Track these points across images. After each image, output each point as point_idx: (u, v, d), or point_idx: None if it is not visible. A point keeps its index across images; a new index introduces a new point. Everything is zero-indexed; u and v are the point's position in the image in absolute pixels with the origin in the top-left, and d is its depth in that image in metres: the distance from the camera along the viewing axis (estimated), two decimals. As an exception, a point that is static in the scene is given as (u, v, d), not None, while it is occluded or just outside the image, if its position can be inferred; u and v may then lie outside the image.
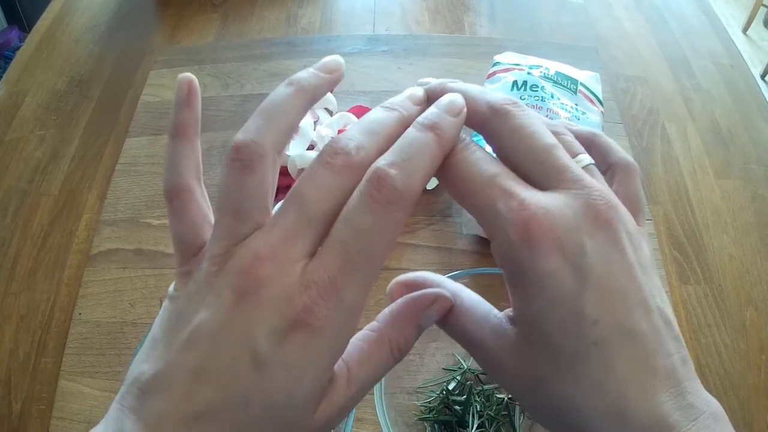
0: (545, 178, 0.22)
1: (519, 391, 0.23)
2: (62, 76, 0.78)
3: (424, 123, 0.22)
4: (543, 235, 0.20)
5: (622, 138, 0.67)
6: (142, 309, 0.54)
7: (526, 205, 0.21)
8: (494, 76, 0.63)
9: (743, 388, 0.50)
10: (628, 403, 0.20)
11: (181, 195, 0.25)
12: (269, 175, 0.22)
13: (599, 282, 0.20)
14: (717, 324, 0.53)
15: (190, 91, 0.25)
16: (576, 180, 0.22)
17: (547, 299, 0.21)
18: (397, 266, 0.56)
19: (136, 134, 0.69)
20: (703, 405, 0.21)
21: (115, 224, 0.61)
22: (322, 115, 0.65)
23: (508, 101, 0.23)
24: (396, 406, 0.42)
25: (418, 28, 0.82)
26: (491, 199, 0.21)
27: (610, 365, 0.20)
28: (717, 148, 0.67)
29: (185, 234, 0.24)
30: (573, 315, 0.20)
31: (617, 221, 0.21)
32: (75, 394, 0.50)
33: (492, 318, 0.24)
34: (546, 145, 0.22)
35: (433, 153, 0.21)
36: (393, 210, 0.20)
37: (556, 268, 0.20)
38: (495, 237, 0.22)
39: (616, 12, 0.84)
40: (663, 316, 0.22)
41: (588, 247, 0.21)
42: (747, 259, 0.58)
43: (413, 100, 0.24)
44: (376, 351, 0.23)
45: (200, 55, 0.78)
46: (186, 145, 0.25)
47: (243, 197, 0.21)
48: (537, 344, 0.21)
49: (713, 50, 0.79)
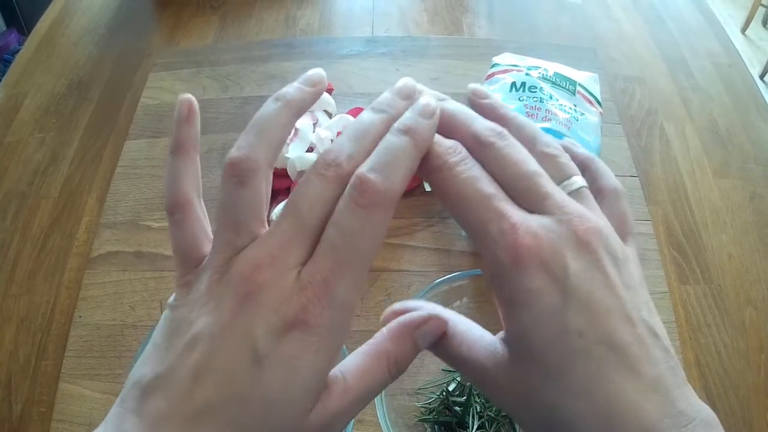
0: (530, 205, 0.23)
1: (514, 406, 0.24)
2: (61, 78, 0.78)
3: (400, 128, 0.23)
4: (530, 257, 0.22)
5: (621, 138, 0.67)
6: (142, 311, 0.54)
7: (516, 228, 0.22)
8: (493, 78, 0.63)
9: (743, 388, 0.50)
10: (614, 410, 0.21)
11: (182, 209, 0.26)
12: (263, 187, 0.24)
13: (582, 298, 0.22)
14: (716, 323, 0.53)
15: (191, 111, 0.26)
16: (559, 206, 0.23)
17: (533, 315, 0.22)
18: (397, 267, 0.56)
19: (136, 137, 0.69)
20: (693, 412, 0.21)
21: (114, 227, 0.61)
22: (321, 118, 0.65)
23: (492, 132, 0.24)
24: (396, 408, 0.42)
25: (417, 29, 0.82)
26: (484, 220, 0.22)
27: (596, 374, 0.21)
28: (715, 148, 0.67)
29: (186, 246, 0.25)
30: (559, 329, 0.22)
31: (598, 244, 0.23)
32: (75, 396, 0.50)
33: (485, 340, 0.25)
34: (529, 172, 0.23)
35: (409, 155, 0.23)
36: (376, 211, 0.22)
37: (541, 286, 0.22)
38: (485, 255, 0.23)
39: (614, 13, 0.85)
40: (648, 329, 0.22)
41: (571, 268, 0.22)
42: (746, 259, 0.58)
43: (402, 95, 0.25)
44: (372, 365, 0.24)
45: (199, 57, 0.78)
46: (186, 161, 0.26)
47: (240, 210, 0.23)
48: (527, 358, 0.22)
49: (711, 50, 0.79)
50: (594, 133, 0.57)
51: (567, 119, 0.56)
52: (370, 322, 0.52)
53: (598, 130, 0.58)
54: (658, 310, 0.24)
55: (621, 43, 0.79)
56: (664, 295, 0.54)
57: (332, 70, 0.73)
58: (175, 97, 0.72)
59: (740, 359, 0.51)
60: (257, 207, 0.23)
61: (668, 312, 0.53)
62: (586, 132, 0.56)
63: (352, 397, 0.23)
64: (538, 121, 0.56)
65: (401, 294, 0.54)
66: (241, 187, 0.23)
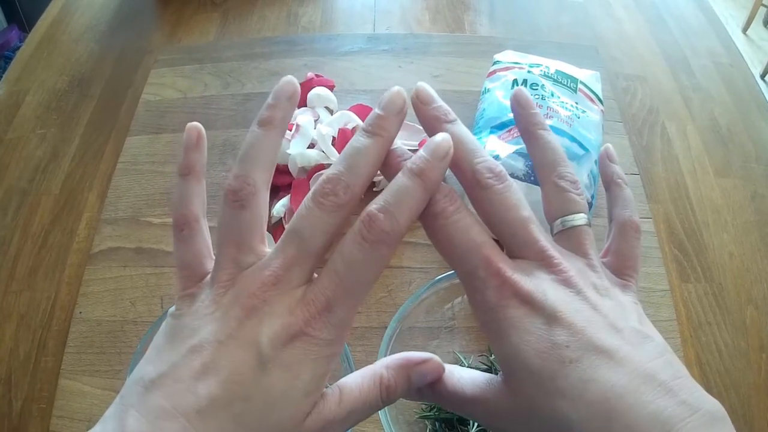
0: (518, 249, 0.25)
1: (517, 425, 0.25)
2: (63, 75, 0.78)
3: (413, 169, 0.24)
4: (513, 295, 0.24)
5: (622, 137, 0.67)
6: (142, 307, 0.54)
7: (502, 273, 0.24)
8: (494, 75, 0.63)
9: (744, 387, 0.50)
10: (612, 408, 0.21)
11: (190, 226, 0.27)
12: (262, 207, 0.26)
13: (564, 318, 0.23)
14: (717, 322, 0.53)
15: (199, 137, 0.28)
16: (543, 251, 0.25)
17: (520, 334, 0.23)
18: (398, 264, 0.56)
19: (137, 133, 0.69)
20: (698, 403, 0.21)
21: (115, 223, 0.61)
22: (323, 114, 0.65)
23: (492, 174, 0.25)
24: (397, 404, 0.42)
25: (419, 27, 0.82)
26: (474, 265, 0.25)
27: (589, 376, 0.22)
28: (717, 147, 0.67)
29: (190, 261, 0.27)
30: (545, 342, 0.23)
31: (579, 281, 0.25)
32: (75, 392, 0.50)
33: (483, 376, 0.26)
34: (521, 218, 0.25)
35: (419, 198, 0.24)
36: (381, 248, 0.24)
37: (525, 313, 0.24)
38: (474, 295, 0.25)
39: (615, 12, 0.84)
40: (637, 332, 0.24)
41: (551, 295, 0.24)
42: (747, 258, 0.58)
43: (393, 112, 0.25)
44: (367, 383, 0.25)
45: (200, 54, 0.78)
46: (195, 183, 0.28)
47: (242, 231, 0.25)
48: (522, 375, 0.24)
49: (713, 50, 0.79)
50: (595, 131, 0.57)
51: (568, 117, 0.56)
52: (371, 318, 0.52)
53: (599, 128, 0.58)
54: (658, 309, 0.24)
55: (622, 42, 0.79)
56: (665, 293, 0.54)
57: (334, 67, 0.73)
58: (177, 93, 0.72)
59: (741, 358, 0.51)
60: (258, 226, 0.26)
61: (669, 310, 0.53)
62: (587, 129, 0.56)
63: (346, 409, 0.25)
64: (540, 119, 0.55)
65: (402, 290, 0.54)
66: (242, 211, 0.25)
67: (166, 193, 0.62)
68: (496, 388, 0.25)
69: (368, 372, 0.26)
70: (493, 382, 0.25)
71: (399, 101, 0.26)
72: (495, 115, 0.57)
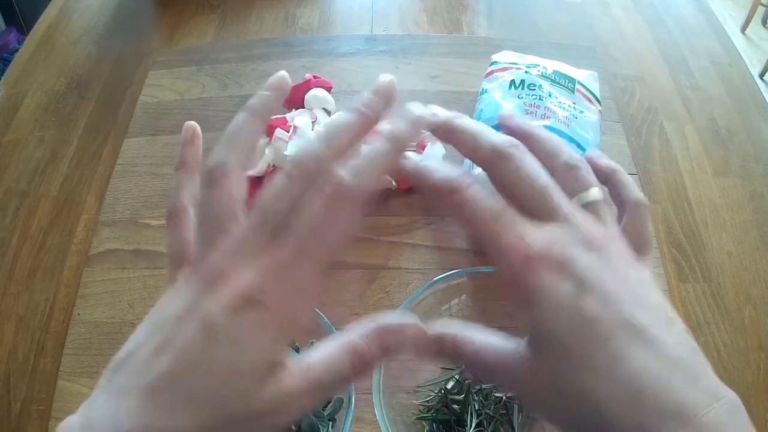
0: (541, 214, 0.25)
1: (541, 399, 0.25)
2: (61, 77, 0.78)
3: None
4: (540, 259, 0.24)
5: (621, 137, 0.67)
6: (140, 309, 0.54)
7: (525, 237, 0.24)
8: (492, 75, 0.63)
9: (742, 387, 0.50)
10: (641, 388, 0.21)
11: (178, 214, 0.28)
12: (234, 188, 0.26)
13: (593, 288, 0.23)
14: (716, 322, 0.53)
15: (194, 135, 0.30)
16: (566, 215, 0.25)
17: (550, 307, 0.23)
18: (396, 265, 0.56)
19: (135, 135, 0.69)
20: (720, 392, 0.22)
21: (113, 225, 0.61)
22: (320, 115, 0.65)
23: (510, 144, 0.26)
24: (394, 406, 0.42)
25: (416, 28, 0.82)
26: (496, 233, 0.24)
27: (619, 355, 0.22)
28: (715, 147, 0.67)
29: (177, 248, 0.28)
30: (575, 316, 0.23)
31: (605, 243, 0.25)
32: (74, 394, 0.49)
33: (507, 344, 0.26)
34: (541, 186, 0.26)
35: (385, 157, 0.24)
36: (340, 203, 0.23)
37: (553, 281, 0.23)
38: (499, 263, 0.25)
39: (613, 11, 0.84)
40: (665, 313, 0.23)
41: (580, 261, 0.24)
42: (746, 257, 0.58)
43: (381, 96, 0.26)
44: (335, 354, 0.25)
45: (199, 55, 0.78)
46: (188, 176, 0.29)
47: (214, 210, 0.25)
48: (550, 349, 0.23)
49: (711, 49, 0.79)
50: (593, 131, 0.57)
51: (566, 117, 0.56)
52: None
53: (597, 128, 0.58)
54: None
55: (621, 42, 0.79)
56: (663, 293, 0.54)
57: (332, 68, 0.73)
58: (175, 95, 0.73)
59: (739, 358, 0.51)
60: (230, 205, 0.25)
61: (667, 310, 0.53)
62: (585, 130, 0.56)
63: (312, 381, 0.24)
64: (537, 118, 0.56)
65: (400, 292, 0.54)
66: (213, 188, 0.25)
67: (164, 194, 0.62)
68: (524, 359, 0.25)
69: (338, 341, 0.25)
70: (520, 353, 0.25)
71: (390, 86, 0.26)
72: (493, 116, 0.57)
